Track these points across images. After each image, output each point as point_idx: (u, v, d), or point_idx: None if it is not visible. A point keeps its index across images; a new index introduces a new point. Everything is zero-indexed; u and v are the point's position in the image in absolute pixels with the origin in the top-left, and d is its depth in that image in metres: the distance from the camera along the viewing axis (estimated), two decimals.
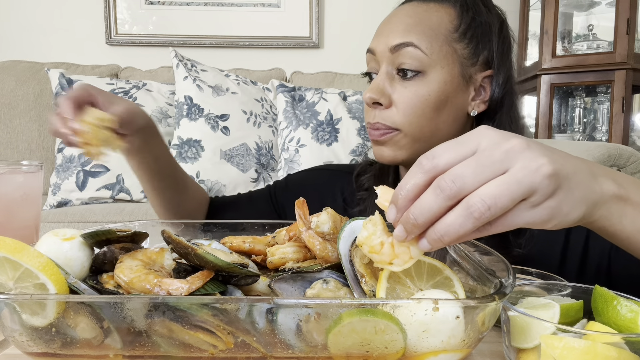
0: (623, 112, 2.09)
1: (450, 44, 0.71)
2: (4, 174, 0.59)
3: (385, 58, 0.72)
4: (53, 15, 2.34)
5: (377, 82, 0.72)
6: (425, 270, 0.41)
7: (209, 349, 0.34)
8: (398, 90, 0.71)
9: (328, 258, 0.44)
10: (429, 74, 0.70)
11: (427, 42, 0.69)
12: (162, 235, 0.43)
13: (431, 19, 0.71)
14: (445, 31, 0.71)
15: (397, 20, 0.73)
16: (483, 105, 0.74)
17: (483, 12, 0.74)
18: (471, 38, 0.72)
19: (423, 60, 0.69)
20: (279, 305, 0.33)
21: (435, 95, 0.70)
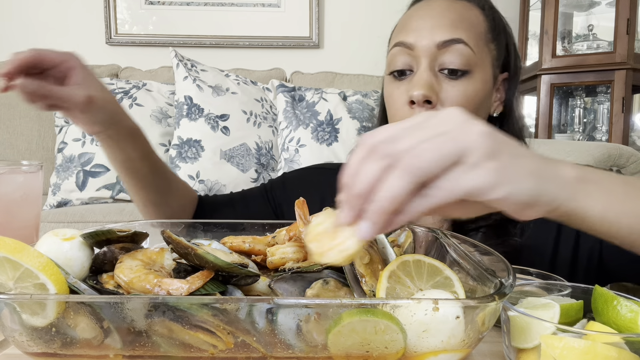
0: (623, 112, 2.09)
1: (487, 44, 0.70)
2: (4, 174, 0.59)
3: (429, 54, 0.68)
4: (53, 15, 2.34)
5: (425, 78, 0.67)
6: (426, 270, 0.41)
7: (209, 349, 0.34)
8: (445, 90, 0.68)
9: None
10: (474, 73, 0.68)
11: (474, 40, 0.68)
12: (162, 235, 0.43)
13: (471, 17, 0.70)
14: (484, 30, 0.70)
15: (438, 14, 0.69)
16: (500, 106, 0.75)
17: (497, 16, 0.74)
18: (496, 40, 0.72)
19: (471, 59, 0.67)
20: (279, 305, 0.33)
21: (479, 95, 0.69)
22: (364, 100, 1.98)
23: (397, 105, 0.71)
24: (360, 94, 2.01)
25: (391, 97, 0.73)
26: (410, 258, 0.41)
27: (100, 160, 1.79)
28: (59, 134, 1.87)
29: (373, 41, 2.41)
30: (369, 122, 1.92)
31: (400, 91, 0.71)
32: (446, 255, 0.48)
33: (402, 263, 0.41)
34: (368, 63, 2.36)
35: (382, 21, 2.58)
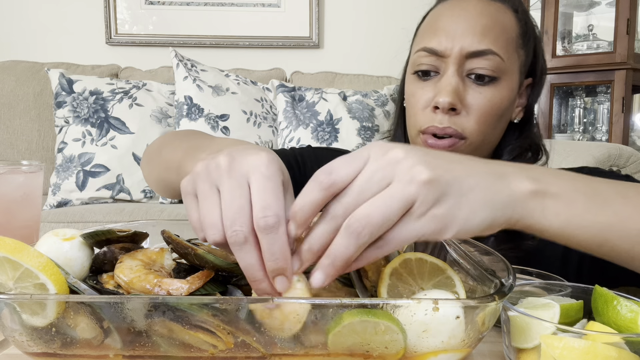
0: (623, 112, 2.09)
1: (516, 50, 0.69)
2: (4, 174, 0.59)
3: (457, 60, 0.66)
4: (53, 15, 2.34)
5: (452, 84, 0.66)
6: (427, 269, 0.41)
7: (209, 349, 0.34)
8: (472, 96, 0.66)
9: None
10: (503, 80, 0.67)
11: (504, 48, 0.66)
12: (162, 236, 0.43)
13: (504, 21, 0.68)
14: (515, 35, 0.68)
15: (471, 18, 0.67)
16: (521, 112, 0.74)
17: (528, 19, 0.73)
18: (527, 45, 0.71)
19: (500, 67, 0.66)
20: (279, 305, 0.33)
21: (506, 102, 0.68)
22: (364, 100, 1.98)
23: (419, 106, 0.70)
24: (360, 94, 2.01)
25: (413, 97, 0.71)
26: (413, 256, 0.41)
27: (100, 160, 1.79)
28: (59, 134, 1.87)
29: (373, 41, 2.41)
30: (369, 122, 1.92)
31: (424, 92, 0.69)
32: (446, 255, 0.48)
33: (404, 261, 0.41)
34: (368, 63, 2.36)
35: (383, 21, 2.59)
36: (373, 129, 1.92)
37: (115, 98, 1.88)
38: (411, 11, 0.83)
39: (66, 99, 1.87)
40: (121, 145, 1.82)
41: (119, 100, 1.88)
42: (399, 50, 0.85)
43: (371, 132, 1.91)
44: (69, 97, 1.87)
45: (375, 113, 1.96)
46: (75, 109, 1.86)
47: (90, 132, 1.83)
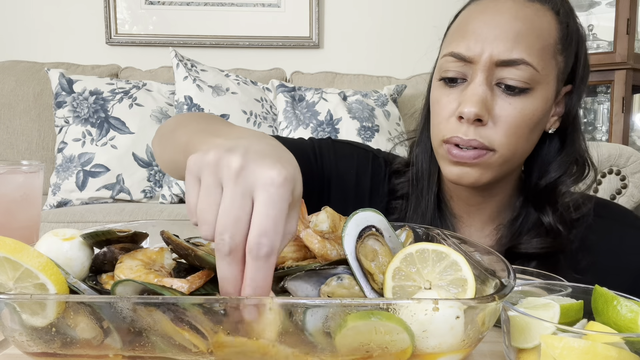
0: (623, 112, 2.09)
1: (554, 57, 0.63)
2: (4, 174, 0.59)
3: (487, 68, 0.62)
4: (53, 15, 2.34)
5: (480, 94, 0.61)
6: (431, 258, 0.40)
7: (203, 346, 0.34)
8: (500, 106, 0.62)
9: (327, 256, 0.44)
10: (536, 90, 0.62)
11: (538, 57, 0.61)
12: (161, 236, 0.43)
13: (542, 26, 0.62)
14: (553, 41, 0.63)
15: (504, 23, 0.62)
16: (557, 122, 0.69)
17: (572, 21, 0.67)
18: (568, 50, 0.65)
19: (533, 77, 0.61)
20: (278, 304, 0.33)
21: (539, 114, 0.63)
22: (364, 100, 1.98)
23: (444, 114, 0.66)
24: (360, 94, 2.01)
25: (438, 104, 0.67)
26: (413, 249, 0.41)
27: (100, 160, 1.79)
28: (59, 134, 1.87)
29: (373, 41, 2.41)
30: (369, 122, 1.92)
31: (449, 100, 0.65)
32: None
33: (405, 257, 0.41)
34: (368, 63, 2.36)
35: (383, 21, 2.58)
36: (373, 129, 1.92)
37: (115, 98, 1.88)
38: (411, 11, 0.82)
39: (66, 99, 1.87)
40: (121, 145, 1.81)
41: (119, 100, 1.88)
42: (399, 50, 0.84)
43: (371, 132, 1.91)
44: (69, 97, 1.87)
45: (375, 113, 1.96)
46: (75, 109, 1.86)
47: (90, 132, 1.83)
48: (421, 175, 0.74)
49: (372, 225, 0.45)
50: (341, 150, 0.79)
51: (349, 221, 0.44)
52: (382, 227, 0.46)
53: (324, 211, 0.48)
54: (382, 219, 0.46)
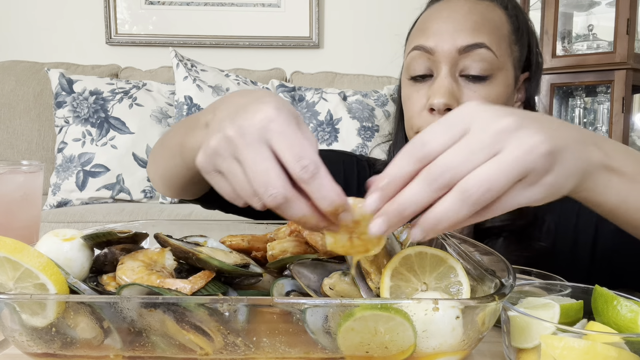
0: (623, 112, 2.08)
1: (510, 46, 0.68)
2: (4, 174, 0.59)
3: (449, 59, 0.66)
4: (53, 15, 2.34)
5: (446, 85, 0.65)
6: (429, 261, 0.41)
7: (209, 348, 0.34)
8: (467, 95, 0.66)
9: (331, 252, 0.44)
10: (497, 77, 0.66)
11: (496, 43, 0.66)
12: (156, 240, 0.43)
13: (494, 18, 0.68)
14: (507, 32, 0.68)
15: (460, 17, 0.67)
16: (521, 107, 0.74)
17: (520, 13, 0.72)
18: (521, 40, 0.70)
19: (493, 63, 0.65)
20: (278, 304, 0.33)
21: (503, 99, 0.67)
22: (364, 100, 1.98)
23: (415, 109, 0.70)
24: (360, 94, 2.01)
25: (409, 100, 0.71)
26: (412, 251, 0.41)
27: (100, 160, 1.79)
28: (59, 134, 1.87)
29: (373, 41, 2.41)
30: (369, 122, 1.92)
31: (419, 95, 0.69)
32: None
33: (404, 258, 0.41)
34: (368, 63, 2.35)
35: (383, 21, 2.58)
36: (373, 129, 1.92)
37: (115, 98, 1.88)
38: (411, 11, 0.83)
39: (66, 99, 1.87)
40: (121, 145, 1.81)
41: (119, 100, 1.88)
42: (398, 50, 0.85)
43: (371, 132, 1.91)
44: (69, 97, 1.87)
45: (375, 113, 1.96)
46: (75, 109, 1.86)
47: (90, 132, 1.83)
48: None
49: None
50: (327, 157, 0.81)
51: None
52: None
53: None
54: None
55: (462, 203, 0.32)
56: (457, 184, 0.32)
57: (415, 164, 0.34)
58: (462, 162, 0.33)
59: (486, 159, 0.33)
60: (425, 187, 0.33)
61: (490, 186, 0.32)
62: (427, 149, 0.34)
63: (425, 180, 0.33)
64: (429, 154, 0.33)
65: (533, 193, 0.34)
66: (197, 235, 0.54)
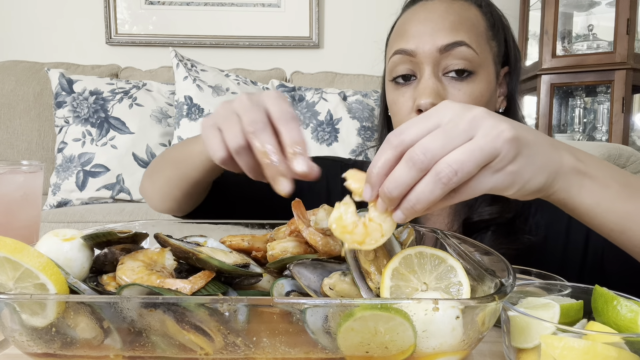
0: (623, 112, 2.08)
1: (488, 42, 0.70)
2: (4, 174, 0.59)
3: (431, 59, 0.67)
4: (53, 15, 2.34)
5: (430, 85, 0.66)
6: (429, 262, 0.41)
7: (209, 348, 0.34)
8: (452, 94, 0.67)
9: (332, 252, 0.44)
10: (479, 73, 0.67)
11: (475, 41, 0.67)
12: (156, 240, 0.43)
13: (470, 16, 0.69)
14: (483, 29, 0.69)
15: (438, 18, 0.68)
16: (504, 102, 0.75)
17: (495, 10, 0.74)
18: (497, 35, 0.72)
19: (474, 60, 0.66)
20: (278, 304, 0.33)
21: (486, 95, 0.68)
22: (364, 100, 1.98)
23: (403, 113, 0.70)
24: (360, 94, 2.01)
25: (396, 105, 0.72)
26: (412, 251, 0.41)
27: (100, 160, 1.79)
28: (59, 134, 1.87)
29: (373, 41, 2.41)
30: (369, 122, 1.92)
31: (405, 98, 0.70)
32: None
33: (404, 258, 0.41)
34: (368, 63, 2.35)
35: (383, 21, 2.58)
36: (373, 129, 1.92)
37: (115, 98, 1.88)
38: None
39: (66, 99, 1.87)
40: (121, 145, 1.82)
41: (119, 100, 1.88)
42: None
43: (371, 132, 1.91)
44: (69, 97, 1.87)
45: (375, 113, 1.96)
46: (75, 109, 1.86)
47: (90, 132, 1.83)
48: None
49: None
50: None
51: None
52: None
53: (322, 209, 0.48)
54: None
55: (435, 184, 0.36)
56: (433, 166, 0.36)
57: (394, 150, 0.37)
58: (438, 145, 0.36)
59: (460, 143, 0.36)
60: (408, 169, 0.36)
61: (458, 168, 0.35)
62: (404, 136, 0.37)
63: (408, 162, 0.36)
64: (406, 140, 0.37)
65: (498, 180, 0.38)
66: (197, 235, 0.54)
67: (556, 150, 0.42)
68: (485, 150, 0.36)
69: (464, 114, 0.37)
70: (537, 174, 0.40)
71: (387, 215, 0.38)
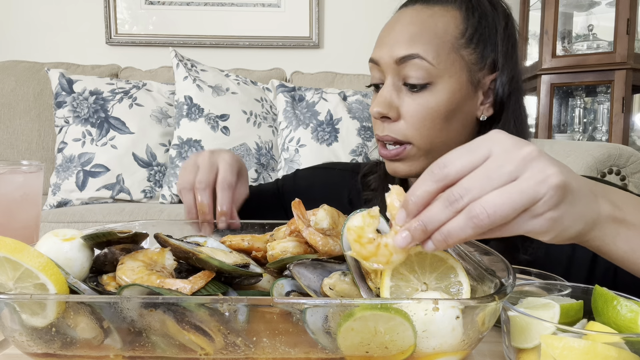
0: (623, 112, 2.09)
1: (457, 51, 0.68)
2: (4, 174, 0.59)
3: (391, 69, 0.69)
4: (53, 15, 2.34)
5: (384, 95, 0.69)
6: (429, 261, 0.41)
7: (209, 348, 0.34)
8: (406, 103, 0.68)
9: (331, 252, 0.44)
10: (437, 84, 0.67)
11: (433, 52, 0.66)
12: (156, 240, 0.43)
13: (437, 26, 0.68)
14: (452, 38, 0.68)
15: (400, 28, 0.69)
16: (491, 108, 0.72)
17: (489, 11, 0.71)
18: (478, 42, 0.69)
19: (430, 72, 0.67)
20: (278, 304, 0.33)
21: (445, 105, 0.68)
22: (364, 100, 1.98)
23: (372, 118, 0.74)
24: (360, 94, 2.01)
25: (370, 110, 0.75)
26: (412, 251, 0.41)
27: (100, 160, 1.79)
28: (59, 134, 1.87)
29: (373, 41, 2.41)
30: (369, 122, 1.92)
31: (372, 105, 0.72)
32: None
33: None
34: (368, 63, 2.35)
35: (383, 21, 2.58)
36: (373, 129, 1.92)
37: (115, 98, 1.88)
38: None
39: (66, 99, 1.87)
40: (121, 145, 1.81)
41: (119, 100, 1.88)
42: None
43: (371, 132, 1.91)
44: (69, 97, 1.87)
45: None
46: (75, 109, 1.86)
47: (90, 132, 1.83)
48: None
49: None
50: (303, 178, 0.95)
51: (348, 221, 0.44)
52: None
53: (322, 209, 0.48)
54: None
55: (466, 223, 0.35)
56: (468, 206, 0.35)
57: (436, 183, 0.37)
58: (478, 187, 0.35)
59: (502, 184, 0.35)
60: (444, 208, 0.36)
61: (493, 212, 0.35)
62: (448, 170, 0.37)
63: (445, 202, 0.36)
64: (450, 175, 0.37)
65: (536, 225, 0.36)
66: (197, 235, 0.54)
67: (595, 198, 0.41)
68: (526, 194, 0.35)
69: (513, 152, 0.36)
70: (576, 222, 0.39)
71: (403, 251, 0.38)
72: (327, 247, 0.44)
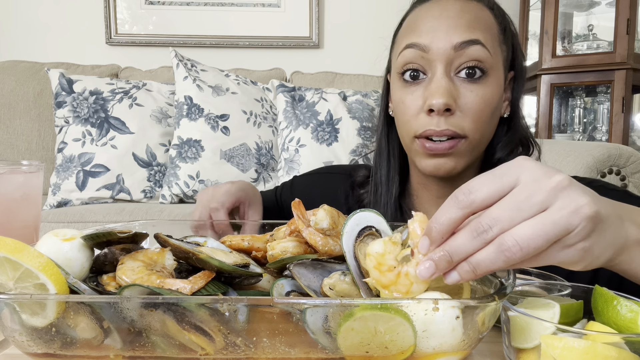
0: (623, 112, 2.09)
1: (500, 45, 0.69)
2: (4, 174, 0.59)
3: (445, 56, 0.65)
4: (53, 15, 2.34)
5: (445, 85, 0.64)
6: None
7: (209, 348, 0.34)
8: (464, 95, 0.65)
9: (331, 252, 0.44)
10: (490, 76, 0.66)
11: (490, 42, 0.66)
12: (156, 240, 0.43)
13: (485, 18, 0.68)
14: (496, 31, 0.69)
15: (454, 15, 0.66)
16: (509, 107, 0.74)
17: (503, 12, 0.73)
18: (507, 40, 0.71)
19: (488, 61, 0.65)
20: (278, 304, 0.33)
21: (496, 98, 0.67)
22: (364, 100, 1.98)
23: (411, 112, 0.68)
24: (360, 94, 2.01)
25: (404, 104, 0.69)
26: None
27: (100, 160, 1.79)
28: (59, 134, 1.87)
29: (373, 41, 2.41)
30: (369, 122, 1.92)
31: (414, 97, 0.68)
32: None
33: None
34: (368, 63, 2.35)
35: (383, 21, 2.58)
36: (373, 129, 1.92)
37: (115, 98, 1.88)
38: None
39: (66, 99, 1.87)
40: (121, 145, 1.82)
41: (119, 100, 1.88)
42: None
43: (371, 132, 1.91)
44: (69, 97, 1.87)
45: (375, 113, 1.96)
46: (75, 109, 1.86)
47: (90, 132, 1.83)
48: (380, 182, 0.80)
49: (371, 225, 0.45)
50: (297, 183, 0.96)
51: (349, 220, 0.44)
52: (381, 228, 0.46)
53: (321, 209, 0.48)
54: (382, 220, 0.46)
55: (497, 255, 0.33)
56: (498, 237, 0.33)
57: (461, 211, 0.35)
58: (508, 217, 0.33)
59: (533, 215, 0.33)
60: (472, 238, 0.34)
61: (526, 245, 0.33)
62: (474, 196, 0.35)
63: (473, 232, 0.34)
64: (475, 202, 0.35)
65: (567, 255, 0.35)
66: (197, 235, 0.54)
67: (622, 223, 0.39)
68: (559, 225, 0.33)
69: (543, 180, 0.34)
70: (606, 249, 0.37)
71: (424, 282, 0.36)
72: (327, 247, 0.44)
